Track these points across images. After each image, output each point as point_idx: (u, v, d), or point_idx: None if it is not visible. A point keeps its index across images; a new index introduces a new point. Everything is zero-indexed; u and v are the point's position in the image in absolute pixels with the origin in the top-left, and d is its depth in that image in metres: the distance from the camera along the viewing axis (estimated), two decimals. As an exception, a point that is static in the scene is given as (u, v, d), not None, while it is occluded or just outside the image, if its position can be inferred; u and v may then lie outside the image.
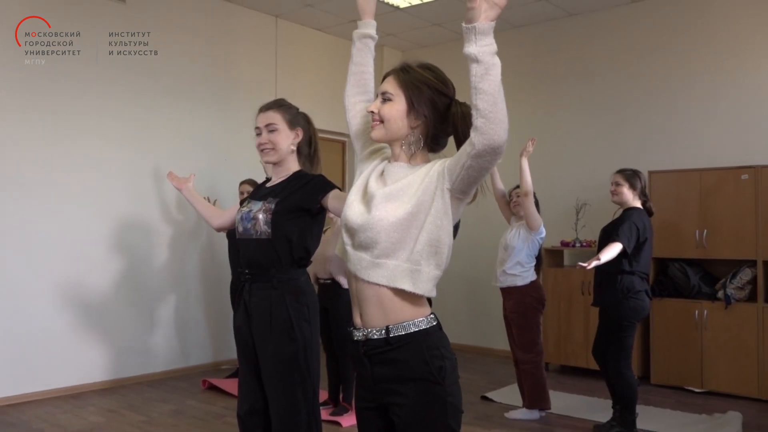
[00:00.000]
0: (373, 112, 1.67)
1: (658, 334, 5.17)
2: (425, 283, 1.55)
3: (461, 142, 1.57)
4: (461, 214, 1.62)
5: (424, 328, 1.58)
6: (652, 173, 5.24)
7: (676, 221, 5.15)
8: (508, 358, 5.15)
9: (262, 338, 2.40)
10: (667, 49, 5.59)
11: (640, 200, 3.94)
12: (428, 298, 1.61)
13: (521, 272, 4.18)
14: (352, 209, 1.64)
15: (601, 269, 3.81)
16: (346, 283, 1.51)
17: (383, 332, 1.58)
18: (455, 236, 1.66)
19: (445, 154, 1.68)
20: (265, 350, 2.39)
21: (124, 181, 5.17)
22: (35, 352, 4.63)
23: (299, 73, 6.44)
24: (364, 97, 1.85)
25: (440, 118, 1.65)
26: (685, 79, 5.49)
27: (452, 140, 1.66)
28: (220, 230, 2.84)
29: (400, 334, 1.56)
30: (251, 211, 2.45)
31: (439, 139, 1.69)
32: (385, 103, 1.65)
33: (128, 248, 5.19)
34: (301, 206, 2.41)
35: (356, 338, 1.63)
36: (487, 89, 1.42)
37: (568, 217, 5.83)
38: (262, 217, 2.40)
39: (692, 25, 5.48)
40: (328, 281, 4.16)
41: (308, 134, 2.59)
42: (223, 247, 5.41)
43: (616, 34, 5.88)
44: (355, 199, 1.67)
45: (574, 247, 5.70)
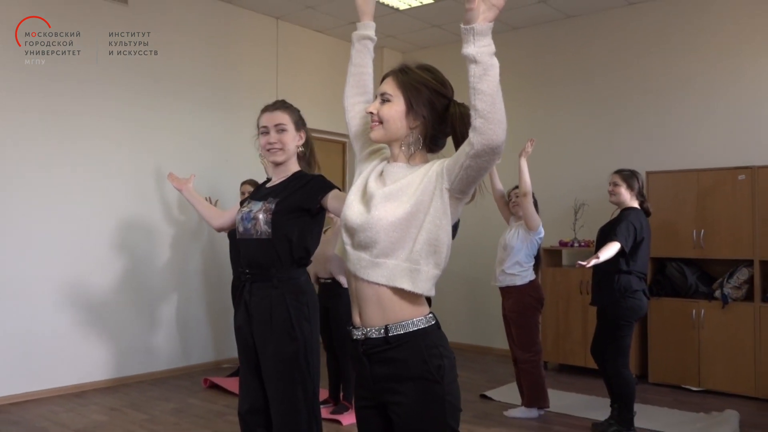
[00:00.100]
0: (372, 113, 1.67)
1: (655, 333, 5.18)
2: (424, 282, 1.56)
3: (459, 142, 1.57)
4: (460, 213, 1.62)
5: (422, 327, 1.58)
6: (649, 174, 5.25)
7: (673, 221, 5.16)
8: (507, 357, 5.15)
9: (262, 337, 2.40)
10: (664, 50, 5.60)
11: (637, 200, 3.95)
12: (428, 297, 1.61)
13: (520, 272, 4.19)
14: (351, 209, 1.64)
15: (598, 269, 3.83)
16: (346, 282, 1.53)
17: (382, 331, 1.58)
18: (455, 236, 1.66)
19: (443, 154, 1.67)
20: (265, 349, 2.39)
21: (126, 181, 5.18)
22: (38, 351, 4.64)
23: (300, 74, 6.46)
24: (363, 98, 1.85)
25: (439, 118, 1.65)
26: (682, 80, 5.51)
27: (450, 141, 1.66)
28: (220, 230, 2.85)
29: (398, 333, 1.57)
30: (251, 211, 2.45)
31: (437, 139, 1.69)
32: (384, 104, 1.65)
33: (130, 248, 5.20)
34: (301, 206, 2.41)
35: (355, 337, 1.64)
36: (485, 90, 1.42)
37: (566, 217, 5.85)
38: (262, 217, 2.40)
39: (689, 26, 5.49)
40: (328, 281, 4.17)
41: (306, 135, 2.61)
42: (224, 247, 5.41)
43: (614, 35, 5.89)
44: (354, 199, 1.66)
45: (572, 246, 5.71)
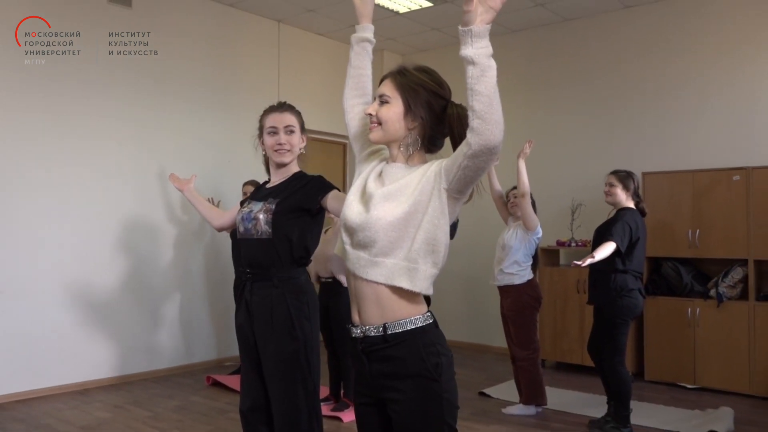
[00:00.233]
0: (371, 114, 1.68)
1: (651, 331, 5.21)
2: (422, 281, 1.57)
3: (457, 143, 1.58)
4: (458, 213, 1.64)
5: (420, 325, 1.59)
6: (645, 174, 5.28)
7: (669, 221, 5.19)
8: (505, 355, 5.16)
9: (263, 336, 2.41)
10: (660, 52, 5.64)
11: (633, 201, 3.97)
12: (427, 296, 1.62)
13: (518, 271, 4.22)
14: (351, 209, 1.65)
15: (595, 268, 3.84)
16: (346, 281, 1.56)
17: (380, 329, 1.59)
18: (454, 236, 1.69)
19: (441, 155, 1.68)
20: (266, 348, 2.40)
21: (128, 181, 5.19)
22: (43, 349, 4.66)
23: (301, 76, 6.49)
24: (362, 99, 1.86)
25: (437, 119, 1.65)
26: (678, 82, 5.54)
27: (449, 141, 1.68)
28: (221, 230, 2.88)
29: (397, 331, 1.58)
30: (252, 211, 2.46)
31: (435, 140, 1.70)
32: (382, 105, 1.66)
33: (133, 248, 5.23)
34: (301, 206, 2.43)
35: (354, 335, 1.65)
36: (482, 91, 1.43)
37: (563, 217, 5.89)
38: (262, 217, 2.41)
39: (684, 29, 5.53)
40: (329, 280, 4.20)
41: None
42: (226, 246, 5.43)
43: (610, 38, 5.93)
44: (354, 199, 1.67)
45: (569, 246, 5.75)
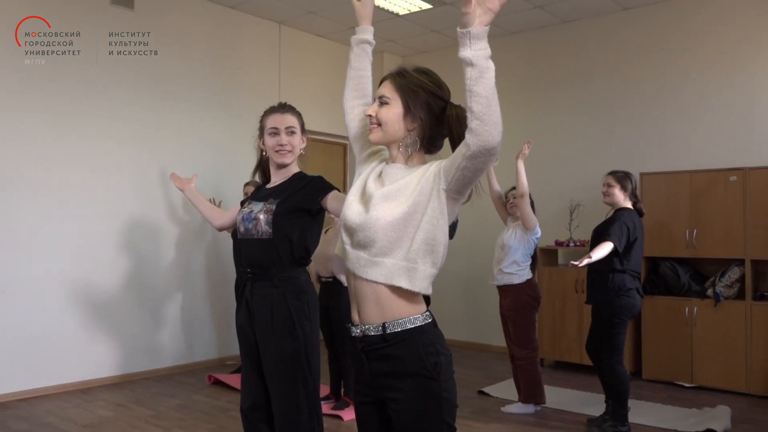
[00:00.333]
0: (370, 115, 1.69)
1: (649, 330, 5.24)
2: (421, 280, 1.58)
3: (456, 144, 1.59)
4: (457, 213, 1.65)
5: (419, 325, 1.60)
6: (643, 175, 5.31)
7: (666, 221, 5.22)
8: (504, 354, 5.18)
9: (263, 336, 2.42)
10: (657, 54, 5.67)
11: (630, 201, 3.99)
12: (426, 295, 1.63)
13: (517, 271, 4.24)
14: (351, 209, 1.66)
15: (593, 268, 3.86)
16: (346, 281, 1.58)
17: (380, 329, 1.60)
18: (453, 236, 1.72)
19: (441, 155, 1.70)
20: (267, 348, 2.41)
21: (129, 181, 5.21)
22: (45, 348, 4.68)
23: (302, 77, 6.52)
24: (362, 101, 1.87)
25: (436, 120, 1.66)
26: (675, 83, 5.57)
27: (448, 142, 1.69)
28: (221, 230, 2.90)
29: (396, 330, 1.59)
30: (252, 211, 2.48)
31: (435, 141, 1.71)
32: (382, 106, 1.67)
33: (135, 248, 5.25)
34: (301, 207, 2.44)
35: (354, 334, 1.66)
36: (481, 92, 1.43)
37: (562, 217, 5.92)
38: (263, 217, 2.42)
39: (682, 31, 5.56)
40: (329, 279, 4.23)
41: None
42: (227, 246, 5.44)
43: (608, 40, 5.96)
44: (354, 199, 1.68)
45: (568, 246, 5.77)
